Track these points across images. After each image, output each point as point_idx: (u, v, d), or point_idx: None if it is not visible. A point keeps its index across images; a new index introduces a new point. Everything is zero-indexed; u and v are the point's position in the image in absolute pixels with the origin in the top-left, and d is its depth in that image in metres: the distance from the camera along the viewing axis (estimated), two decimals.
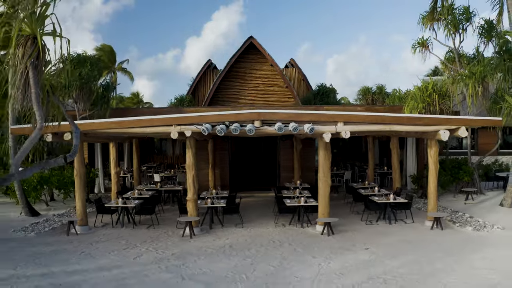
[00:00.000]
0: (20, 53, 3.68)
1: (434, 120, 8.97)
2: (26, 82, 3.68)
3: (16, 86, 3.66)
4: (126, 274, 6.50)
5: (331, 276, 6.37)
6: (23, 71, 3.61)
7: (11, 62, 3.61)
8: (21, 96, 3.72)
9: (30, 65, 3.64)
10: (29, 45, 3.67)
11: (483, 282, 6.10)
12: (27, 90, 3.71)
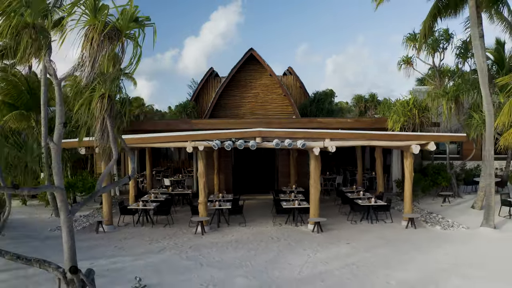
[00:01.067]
0: (99, 107, 5.57)
1: (406, 137, 10.94)
2: (104, 126, 5.56)
3: (97, 130, 5.55)
4: (156, 262, 8.42)
5: (316, 263, 8.32)
6: (103, 120, 5.50)
7: (95, 114, 5.50)
8: (100, 135, 5.61)
9: (107, 116, 5.52)
10: (105, 102, 5.56)
11: (436, 267, 8.04)
12: (104, 132, 5.60)
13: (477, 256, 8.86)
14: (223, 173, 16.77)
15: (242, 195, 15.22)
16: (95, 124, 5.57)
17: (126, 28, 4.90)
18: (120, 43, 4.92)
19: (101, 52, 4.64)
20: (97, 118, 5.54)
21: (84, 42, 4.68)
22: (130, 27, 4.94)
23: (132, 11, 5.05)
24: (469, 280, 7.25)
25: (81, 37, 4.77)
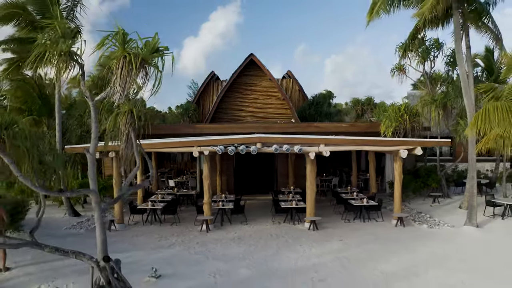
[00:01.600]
0: (123, 122, 6.58)
1: (394, 142, 11.99)
2: (128, 138, 6.58)
3: (123, 142, 6.56)
4: (167, 256, 9.46)
5: (311, 257, 9.37)
6: (128, 133, 6.51)
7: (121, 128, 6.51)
8: (125, 145, 6.62)
9: (132, 129, 6.54)
10: (129, 117, 6.57)
11: (418, 261, 9.08)
12: (128, 142, 6.62)
13: (457, 252, 9.89)
14: (225, 175, 17.82)
15: (243, 195, 16.25)
16: (121, 136, 6.59)
17: (149, 57, 5.93)
18: (144, 70, 5.95)
19: (129, 77, 5.67)
20: (122, 131, 6.56)
21: (115, 70, 5.71)
22: (153, 56, 5.96)
23: (154, 42, 6.08)
24: (446, 272, 8.28)
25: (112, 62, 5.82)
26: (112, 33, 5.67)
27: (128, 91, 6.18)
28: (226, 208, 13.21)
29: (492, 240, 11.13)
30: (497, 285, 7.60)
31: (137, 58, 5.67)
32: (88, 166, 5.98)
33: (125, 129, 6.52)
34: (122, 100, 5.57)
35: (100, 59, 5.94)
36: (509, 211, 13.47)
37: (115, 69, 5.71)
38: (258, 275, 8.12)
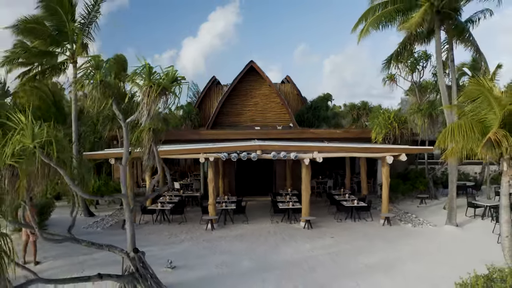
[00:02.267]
0: (146, 138, 7.99)
1: (380, 149, 13.42)
2: (151, 151, 7.99)
3: (146, 154, 7.97)
4: (178, 251, 10.88)
5: (304, 251, 10.80)
6: (150, 147, 7.92)
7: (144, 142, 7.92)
8: (147, 157, 8.03)
9: (153, 144, 7.94)
10: (151, 134, 7.97)
11: (398, 255, 10.50)
12: (150, 154, 8.03)
13: (434, 248, 11.31)
14: (227, 178, 19.24)
15: (244, 197, 17.68)
16: (144, 149, 8.02)
17: (169, 86, 7.35)
18: (165, 96, 7.38)
19: (154, 103, 7.10)
20: (145, 145, 7.99)
21: (143, 97, 7.13)
22: (172, 85, 7.39)
23: (173, 73, 7.51)
24: (420, 265, 9.69)
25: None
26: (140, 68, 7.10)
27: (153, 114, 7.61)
28: (229, 209, 14.64)
29: (469, 238, 12.54)
30: (462, 274, 9.04)
31: (159, 88, 7.12)
32: (120, 175, 7.41)
33: (148, 144, 7.94)
34: (148, 121, 7.00)
35: (130, 89, 7.32)
36: (488, 212, 14.90)
37: (142, 96, 7.14)
38: (258, 267, 9.56)
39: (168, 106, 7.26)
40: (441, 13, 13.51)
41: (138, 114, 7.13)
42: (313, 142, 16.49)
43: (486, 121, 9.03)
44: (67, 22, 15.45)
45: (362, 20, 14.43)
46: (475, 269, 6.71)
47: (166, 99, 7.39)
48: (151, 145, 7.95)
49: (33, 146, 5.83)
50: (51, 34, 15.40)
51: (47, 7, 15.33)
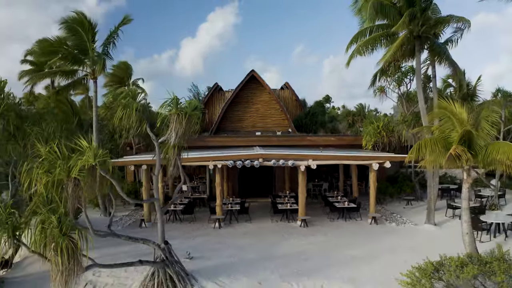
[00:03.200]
0: (171, 153, 10.06)
1: (367, 157, 15.56)
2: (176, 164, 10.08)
3: (172, 166, 10.06)
4: (194, 245, 12.96)
5: (300, 246, 12.93)
6: (174, 160, 10.01)
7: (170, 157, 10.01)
8: (173, 168, 10.12)
9: (178, 158, 10.02)
10: (176, 151, 10.05)
11: (378, 248, 12.62)
12: (174, 166, 10.12)
13: (410, 243, 13.42)
14: (231, 181, 21.34)
15: (247, 198, 19.78)
16: (170, 162, 10.12)
17: (191, 113, 9.45)
18: (189, 121, 9.48)
19: (181, 127, 9.20)
20: (171, 159, 10.09)
21: (171, 123, 9.23)
22: (193, 112, 9.49)
23: (194, 102, 9.62)
24: (395, 256, 11.79)
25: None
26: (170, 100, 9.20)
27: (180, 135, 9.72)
28: (234, 209, 16.75)
29: (443, 235, 14.68)
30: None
31: (185, 115, 9.24)
32: (154, 182, 9.51)
33: (173, 158, 10.05)
34: (176, 142, 9.12)
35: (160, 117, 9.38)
36: None
37: (171, 122, 9.26)
38: (261, 257, 11.68)
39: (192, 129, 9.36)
40: (421, 38, 15.61)
41: (168, 135, 9.26)
42: (310, 150, 18.64)
43: (450, 137, 11.13)
44: (87, 42, 17.51)
45: (353, 42, 16.52)
46: (430, 257, 8.84)
47: (189, 123, 9.52)
48: (175, 159, 10.05)
49: (94, 163, 7.93)
50: (73, 54, 17.43)
51: (69, 28, 17.36)
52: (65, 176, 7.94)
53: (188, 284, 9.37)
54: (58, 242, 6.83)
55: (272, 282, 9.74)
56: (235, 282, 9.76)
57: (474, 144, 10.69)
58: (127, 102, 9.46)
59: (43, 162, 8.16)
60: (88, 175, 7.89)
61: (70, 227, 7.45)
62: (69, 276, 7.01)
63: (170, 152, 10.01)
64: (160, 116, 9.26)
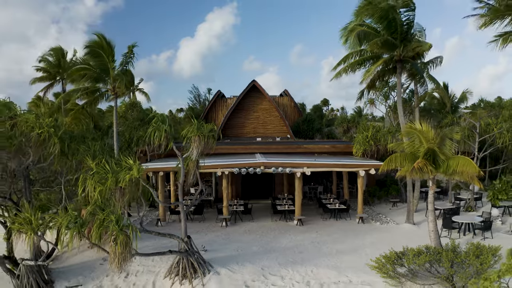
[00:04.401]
0: (191, 166, 12.72)
1: (355, 165, 18.30)
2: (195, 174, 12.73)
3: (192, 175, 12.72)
4: (205, 240, 15.67)
5: (295, 241, 15.67)
6: (194, 171, 12.66)
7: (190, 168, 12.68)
8: (191, 178, 12.79)
9: (196, 169, 12.69)
10: (195, 163, 12.72)
11: (361, 244, 15.36)
12: (194, 175, 12.78)
13: (389, 239, 16.15)
14: (235, 185, 24.05)
15: (249, 200, 22.52)
16: (190, 172, 12.81)
17: (208, 134, 12.15)
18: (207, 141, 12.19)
19: (200, 145, 11.92)
20: (191, 170, 12.79)
21: (193, 142, 11.94)
22: (210, 133, 12.19)
23: (210, 126, 12.34)
24: (374, 249, 14.48)
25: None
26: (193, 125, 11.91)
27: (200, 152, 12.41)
28: (238, 210, 19.47)
29: (419, 232, 17.39)
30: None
31: (204, 136, 11.96)
32: (179, 189, 12.23)
33: (192, 169, 12.76)
34: (197, 157, 11.83)
35: (185, 139, 12.08)
36: (442, 214, 19.78)
37: (193, 141, 11.97)
38: (263, 250, 14.42)
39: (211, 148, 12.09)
40: (402, 61, 18.34)
41: (190, 152, 11.99)
42: (306, 157, 21.37)
43: (418, 152, 13.86)
44: (108, 62, 20.19)
45: (341, 63, 19.22)
46: (394, 248, 11.58)
47: (207, 143, 12.23)
48: (194, 170, 12.76)
49: (138, 176, 10.64)
50: (97, 74, 20.09)
51: (92, 51, 20.04)
52: (114, 185, 10.65)
53: (206, 270, 12.11)
54: (117, 235, 9.51)
55: (272, 268, 12.48)
56: (242, 268, 12.50)
57: (438, 158, 13.43)
58: (158, 126, 12.15)
59: (94, 175, 10.87)
60: (133, 185, 10.59)
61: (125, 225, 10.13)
62: (123, 261, 9.71)
63: (191, 165, 12.73)
64: (185, 137, 11.98)
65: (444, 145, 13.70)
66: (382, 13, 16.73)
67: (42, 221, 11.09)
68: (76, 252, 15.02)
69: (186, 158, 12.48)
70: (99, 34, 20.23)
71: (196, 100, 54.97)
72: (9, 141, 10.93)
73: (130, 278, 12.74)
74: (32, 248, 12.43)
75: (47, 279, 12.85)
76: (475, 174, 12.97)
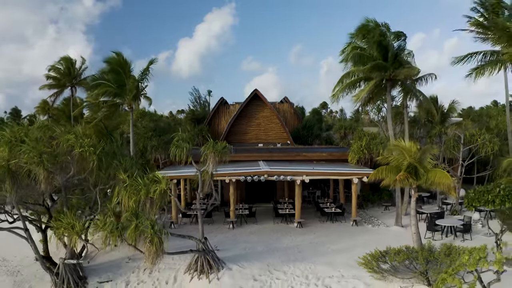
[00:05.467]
0: (207, 177, 15.13)
1: (349, 174, 20.78)
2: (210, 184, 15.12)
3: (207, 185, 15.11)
4: (216, 241, 18.06)
5: (295, 241, 18.13)
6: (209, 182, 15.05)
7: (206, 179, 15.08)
8: (207, 187, 15.17)
9: (211, 180, 15.04)
10: (210, 174, 15.13)
11: (354, 244, 17.81)
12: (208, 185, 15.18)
13: (379, 239, 18.57)
14: (239, 189, 26.47)
15: (253, 204, 24.95)
16: (206, 182, 15.21)
17: (222, 151, 14.56)
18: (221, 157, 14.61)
19: (215, 160, 14.35)
20: (206, 180, 15.20)
21: (209, 157, 14.36)
22: (223, 150, 14.60)
23: (224, 144, 14.76)
24: (366, 248, 16.87)
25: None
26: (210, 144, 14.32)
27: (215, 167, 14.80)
28: (243, 214, 21.90)
29: (406, 234, 19.75)
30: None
31: (218, 153, 14.40)
32: (197, 198, 14.64)
33: (208, 180, 15.17)
34: (213, 171, 14.25)
35: (203, 155, 14.50)
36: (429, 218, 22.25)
37: (209, 157, 14.39)
38: (267, 250, 16.87)
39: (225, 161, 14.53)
40: (392, 80, 20.78)
41: (207, 167, 14.42)
42: (305, 164, 23.80)
43: (402, 165, 16.30)
44: (126, 79, 22.59)
45: (340, 82, 21.64)
46: (382, 248, 14.03)
47: (221, 158, 14.65)
48: (210, 182, 15.18)
49: (166, 188, 13.04)
50: (115, 90, 22.47)
51: (112, 69, 22.44)
52: (145, 196, 13.06)
53: (220, 266, 14.55)
54: (152, 238, 11.91)
55: (276, 265, 14.93)
56: (251, 264, 14.95)
57: (418, 171, 15.89)
58: (179, 144, 14.57)
59: (127, 187, 13.24)
60: (161, 195, 13.00)
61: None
62: (156, 258, 12.11)
63: (207, 176, 15.16)
64: (203, 154, 14.41)
65: (425, 159, 16.15)
66: (375, 39, 19.15)
67: (81, 225, 13.49)
68: (103, 252, 17.42)
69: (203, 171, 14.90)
70: (117, 52, 22.70)
71: (196, 102, 57.29)
72: (56, 159, 13.29)
73: (154, 274, 15.17)
74: (70, 249, 14.85)
75: (81, 276, 15.25)
76: (451, 185, 15.44)
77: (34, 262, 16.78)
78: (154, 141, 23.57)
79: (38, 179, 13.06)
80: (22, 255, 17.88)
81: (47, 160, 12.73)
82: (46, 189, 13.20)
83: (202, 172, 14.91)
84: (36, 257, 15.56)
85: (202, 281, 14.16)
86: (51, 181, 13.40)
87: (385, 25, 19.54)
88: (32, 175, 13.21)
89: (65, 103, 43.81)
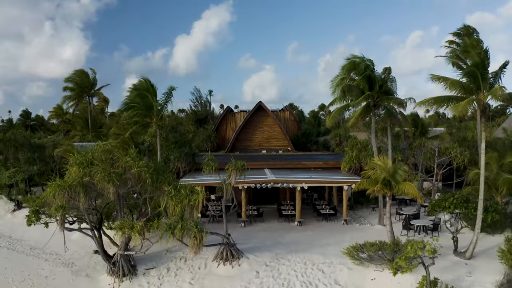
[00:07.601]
0: (229, 188, 20.56)
1: (341, 182, 26.41)
2: (231, 193, 20.56)
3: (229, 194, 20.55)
4: (235, 237, 23.62)
5: (296, 237, 23.74)
6: (231, 191, 20.47)
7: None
8: (229, 195, 20.62)
9: (232, 190, 20.43)
10: (232, 187, 20.53)
11: (342, 239, 23.50)
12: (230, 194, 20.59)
13: (364, 236, 24.15)
14: (248, 193, 32.03)
15: (260, 205, 30.51)
16: (227, 192, 20.68)
17: (241, 168, 20.05)
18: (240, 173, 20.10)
19: (235, 175, 19.88)
20: (228, 190, 20.68)
21: (231, 172, 19.86)
22: (242, 167, 20.09)
23: (242, 162, 20.29)
24: (352, 242, 22.54)
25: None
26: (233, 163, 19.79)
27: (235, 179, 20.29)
28: (252, 214, 27.47)
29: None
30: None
31: (238, 170, 19.95)
32: (222, 204, 20.18)
33: (230, 189, 20.66)
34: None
35: (228, 171, 20.01)
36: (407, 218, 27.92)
37: (231, 174, 19.92)
38: (274, 243, 22.47)
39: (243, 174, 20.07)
40: (376, 105, 26.29)
41: (229, 179, 19.96)
42: (304, 172, 29.36)
43: (379, 179, 21.86)
44: (152, 101, 27.94)
45: (332, 104, 27.10)
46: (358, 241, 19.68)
47: (238, 173, 20.16)
48: (231, 191, 20.68)
49: (203, 198, 18.55)
50: (144, 111, 27.77)
51: (140, 94, 27.79)
52: (187, 203, 18.57)
53: (240, 255, 20.14)
54: (197, 234, 17.40)
55: (282, 255, 20.53)
56: (263, 254, 20.55)
57: (392, 183, 21.49)
58: (209, 162, 20.06)
59: (173, 197, 18.68)
60: (199, 203, 18.51)
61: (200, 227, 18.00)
62: (198, 249, 17.63)
63: (229, 187, 20.70)
64: (228, 170, 19.92)
65: (397, 174, 21.74)
66: (362, 72, 24.62)
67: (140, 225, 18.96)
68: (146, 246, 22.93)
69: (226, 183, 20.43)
70: (145, 78, 28.07)
71: (198, 102, 62.37)
72: (121, 177, 18.74)
73: (188, 262, 20.75)
74: (124, 244, 20.34)
75: (132, 264, 20.77)
76: (416, 194, 21.06)
77: (91, 256, 22.38)
78: (176, 152, 29.00)
79: (105, 192, 18.53)
80: (72, 250, 23.11)
81: (115, 178, 18.18)
82: (114, 199, 18.69)
83: (226, 184, 20.45)
84: (97, 250, 21.11)
85: (227, 267, 19.74)
86: (115, 192, 18.89)
87: (370, 60, 25.00)
88: (98, 189, 18.69)
89: (80, 109, 49.36)
